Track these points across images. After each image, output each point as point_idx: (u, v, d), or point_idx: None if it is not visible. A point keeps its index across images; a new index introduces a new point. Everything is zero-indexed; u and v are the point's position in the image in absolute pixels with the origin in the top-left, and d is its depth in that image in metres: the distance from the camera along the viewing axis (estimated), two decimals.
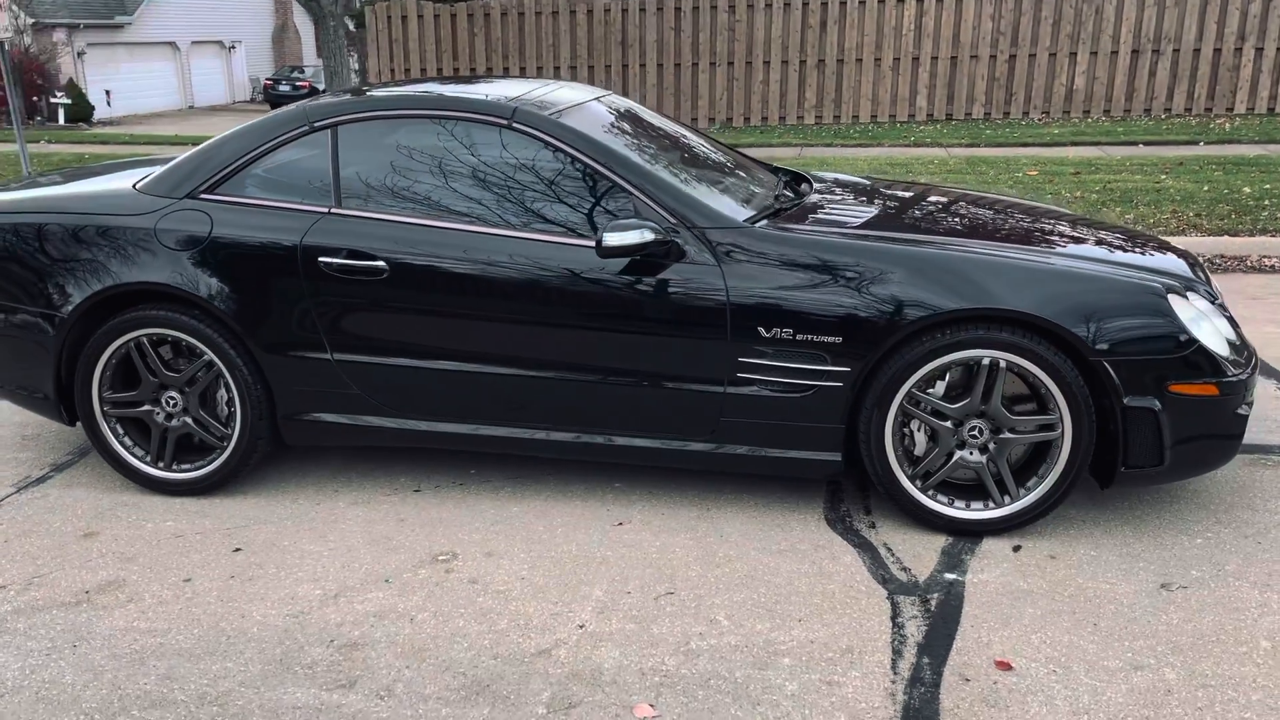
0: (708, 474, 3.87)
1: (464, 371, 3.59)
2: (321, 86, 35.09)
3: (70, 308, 3.71)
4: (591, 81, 16.01)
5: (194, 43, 36.17)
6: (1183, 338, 3.24)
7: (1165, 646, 2.83)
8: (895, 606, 3.07)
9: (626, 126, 4.06)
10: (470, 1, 16.23)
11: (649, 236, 3.32)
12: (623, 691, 2.71)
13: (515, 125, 3.61)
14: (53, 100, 28.78)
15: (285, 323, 3.63)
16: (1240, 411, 3.34)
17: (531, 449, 3.67)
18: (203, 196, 3.73)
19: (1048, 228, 3.93)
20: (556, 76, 16.05)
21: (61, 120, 28.00)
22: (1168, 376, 3.24)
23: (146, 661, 2.87)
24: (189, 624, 3.05)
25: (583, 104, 4.02)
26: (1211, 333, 3.35)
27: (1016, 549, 3.37)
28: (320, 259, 3.56)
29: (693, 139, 4.42)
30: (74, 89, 29.69)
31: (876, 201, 4.07)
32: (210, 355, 3.68)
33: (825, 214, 3.76)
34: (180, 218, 3.68)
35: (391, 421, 3.70)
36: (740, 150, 4.76)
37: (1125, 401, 3.25)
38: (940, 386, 3.39)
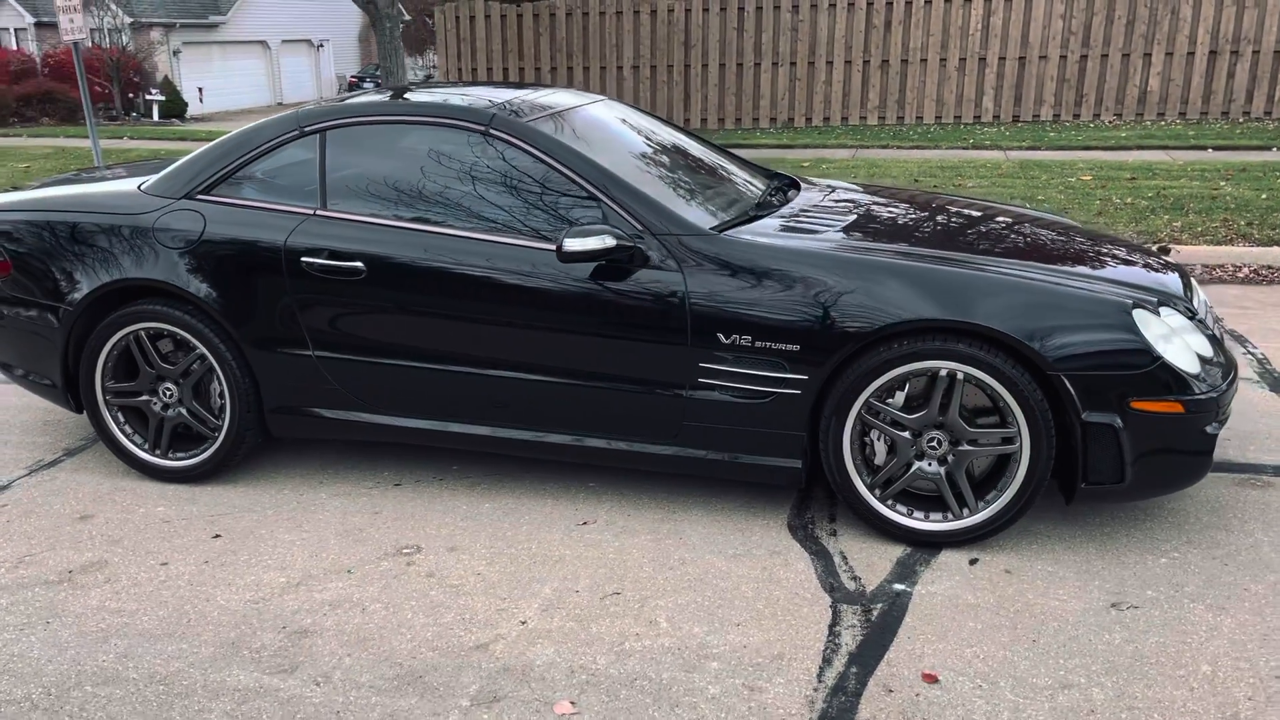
0: (679, 477, 3.92)
1: (436, 370, 3.69)
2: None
3: (75, 301, 3.91)
4: (654, 81, 16.10)
5: (284, 41, 37.20)
6: (1146, 354, 3.19)
7: (1100, 666, 2.80)
8: (836, 615, 3.08)
9: (611, 133, 4.13)
10: (536, 2, 16.43)
11: (609, 242, 3.37)
12: (548, 688, 2.77)
13: (492, 131, 3.70)
14: (148, 97, 29.88)
15: (270, 319, 3.77)
16: (1209, 430, 3.27)
17: (501, 447, 3.75)
18: (199, 197, 3.89)
19: (1029, 239, 3.88)
20: (618, 75, 16.19)
21: (155, 116, 29.07)
22: (1129, 393, 3.19)
23: (109, 640, 3.03)
24: (156, 605, 3.20)
25: (570, 110, 4.10)
26: (1181, 350, 3.28)
27: (973, 562, 3.35)
28: (303, 259, 3.70)
29: (685, 144, 4.46)
30: (168, 86, 30.79)
31: (859, 209, 4.05)
32: (202, 349, 3.85)
33: (798, 221, 3.77)
34: (177, 217, 3.85)
35: (368, 417, 3.83)
36: (737, 155, 4.79)
37: (1084, 417, 3.21)
38: (900, 397, 3.38)
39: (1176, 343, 3.30)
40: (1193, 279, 4.01)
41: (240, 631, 3.06)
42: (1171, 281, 3.69)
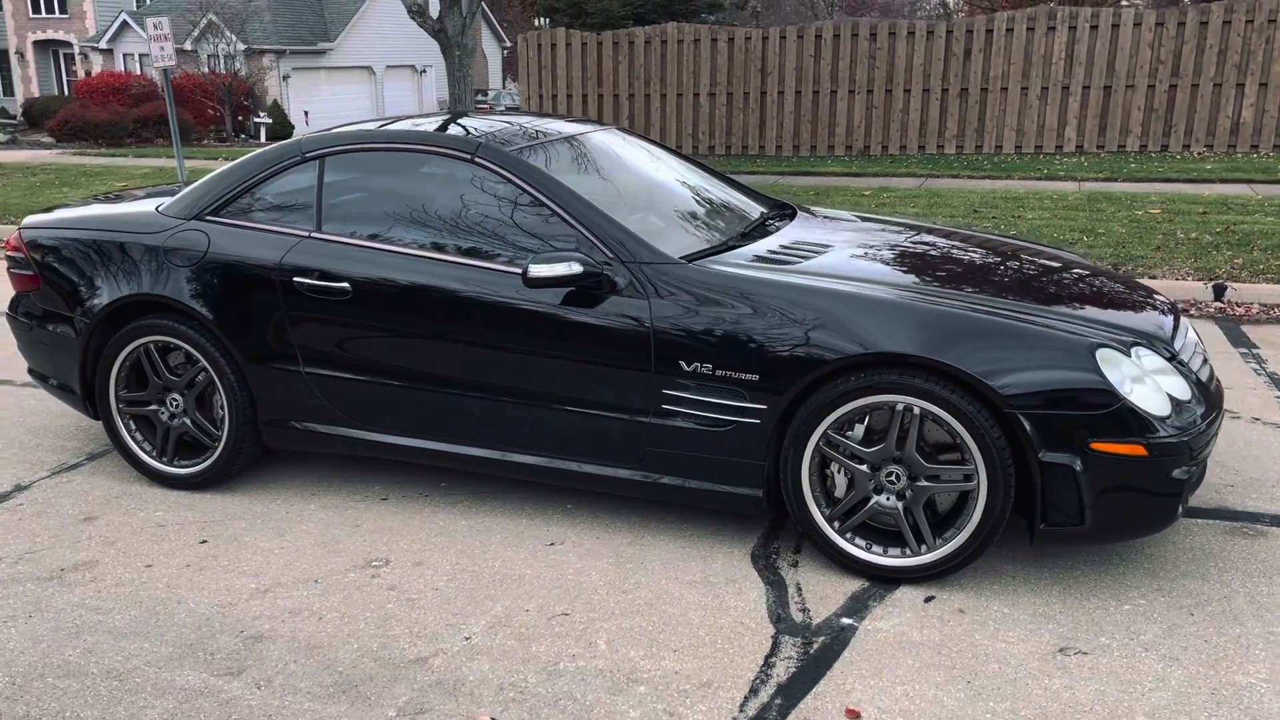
0: (654, 502, 3.95)
1: (414, 389, 3.81)
2: (501, 107, 36.67)
3: (92, 314, 4.14)
4: (730, 108, 16.17)
5: (389, 67, 38.39)
6: (1108, 394, 3.12)
7: (1031, 712, 2.74)
8: (775, 645, 3.08)
9: (606, 162, 4.21)
10: (615, 30, 16.67)
11: (576, 269, 3.45)
12: (475, 703, 2.84)
13: (478, 160, 3.81)
14: (256, 119, 31.17)
15: (265, 336, 3.94)
16: (1176, 475, 3.18)
17: (476, 466, 3.85)
18: (207, 218, 4.10)
19: (1010, 274, 3.83)
20: (695, 102, 16.30)
21: (263, 138, 30.27)
22: (1090, 434, 3.13)
23: (81, 635, 3.20)
24: (131, 605, 3.37)
25: (566, 139, 4.21)
26: (1152, 392, 3.21)
27: (928, 599, 3.31)
28: (295, 278, 3.86)
29: (683, 173, 4.53)
30: (276, 109, 32.07)
31: (842, 240, 4.05)
32: (204, 363, 4.04)
33: (773, 252, 3.79)
34: (185, 237, 4.06)
35: (353, 432, 3.96)
36: (741, 184, 4.82)
37: (1042, 457, 3.15)
38: (859, 430, 3.37)
39: (1148, 384, 3.23)
40: (1185, 319, 3.90)
41: (201, 634, 3.20)
42: (1155, 322, 3.61)
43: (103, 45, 35.76)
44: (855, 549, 3.41)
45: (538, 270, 3.43)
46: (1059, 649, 3.02)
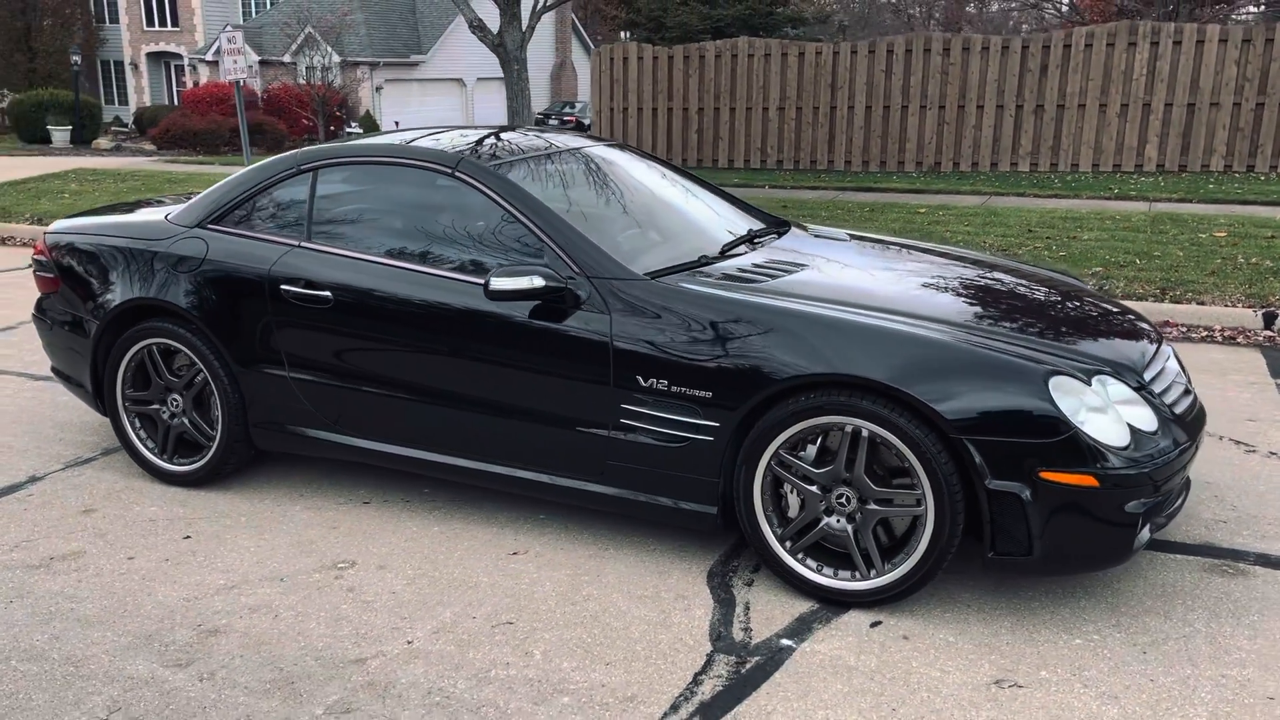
0: (622, 515, 3.97)
1: (389, 396, 3.90)
2: (588, 120, 37.00)
3: (101, 316, 4.35)
4: (799, 123, 16.09)
5: (479, 79, 39.09)
6: (1058, 423, 3.05)
7: None
8: (708, 663, 3.08)
9: (593, 178, 4.27)
10: (687, 44, 16.73)
11: (537, 282, 3.50)
12: (400, 706, 2.90)
13: (458, 174, 3.90)
14: (348, 130, 32.07)
15: (253, 340, 4.09)
16: (1130, 508, 3.09)
17: (447, 474, 3.92)
18: (209, 226, 4.27)
19: (979, 297, 3.77)
20: (764, 117, 16.26)
21: None
22: (1039, 462, 3.06)
23: (51, 622, 3.36)
24: (105, 595, 3.52)
25: (558, 153, 4.28)
26: (1110, 422, 3.13)
27: (875, 624, 3.27)
28: (282, 286, 3.99)
29: (677, 189, 4.55)
30: (368, 120, 32.96)
31: (820, 259, 4.03)
32: (200, 365, 4.20)
33: (744, 269, 3.79)
34: (185, 245, 4.24)
35: (333, 436, 4.08)
36: (741, 201, 4.82)
37: (989, 484, 3.10)
38: (811, 450, 3.35)
39: (1109, 414, 3.15)
40: (1168, 347, 3.78)
41: (161, 625, 3.33)
42: (1129, 349, 3.52)
43: (209, 57, 37.18)
44: (806, 570, 3.39)
45: (499, 283, 3.49)
46: (995, 680, 2.96)
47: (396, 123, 35.02)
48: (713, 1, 23.06)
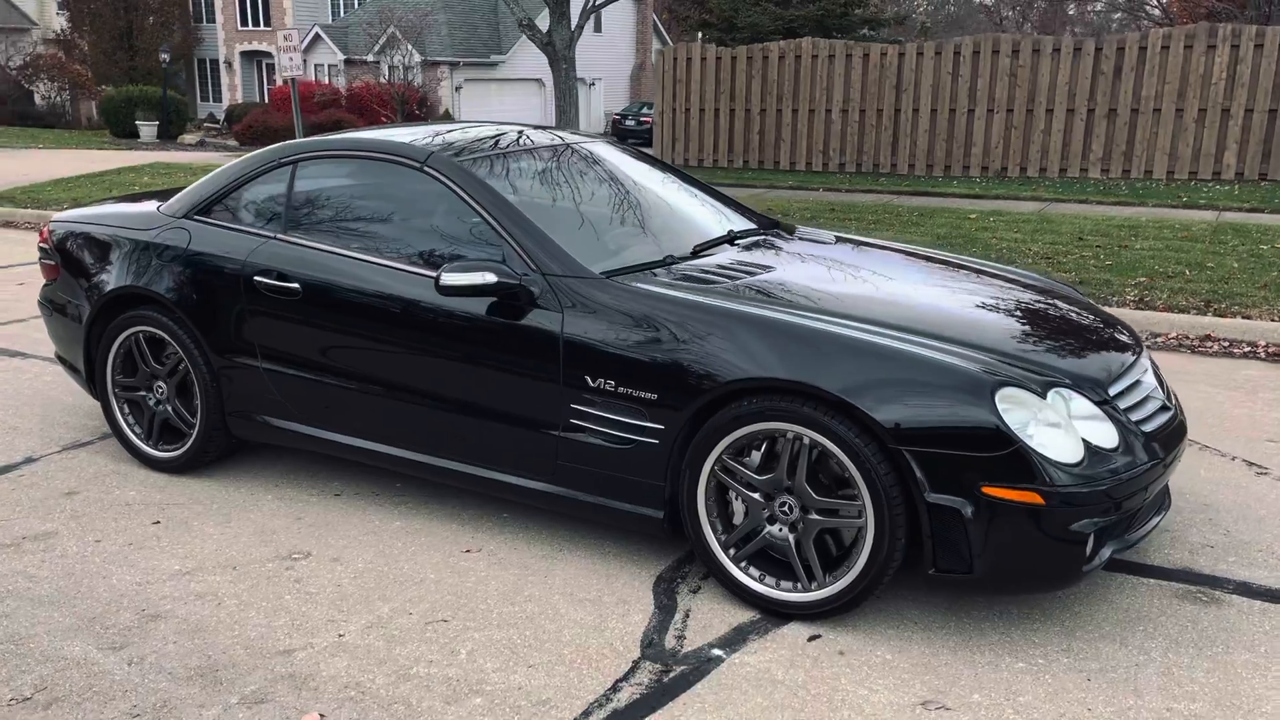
0: (580, 518, 3.92)
1: (354, 390, 3.91)
2: None
3: (92, 303, 4.45)
4: (862, 125, 15.83)
5: None
6: (1002, 436, 2.92)
7: None
8: (632, 670, 3.01)
9: (573, 175, 4.23)
10: (751, 45, 16.60)
11: (490, 279, 3.47)
12: (314, 699, 2.89)
13: (426, 169, 3.89)
14: None
15: (229, 330, 4.13)
16: (1077, 528, 2.94)
17: (406, 468, 3.92)
18: (195, 217, 4.33)
19: (945, 304, 3.63)
20: (827, 119, 16.04)
21: None
22: (981, 477, 2.93)
23: (5, 600, 3.43)
24: (63, 576, 3.59)
25: (539, 149, 4.26)
26: (1062, 437, 2.98)
27: (813, 638, 3.16)
28: (256, 277, 4.04)
29: (667, 190, 4.49)
30: (446, 119, 33.48)
31: (792, 261, 3.93)
32: (181, 353, 4.27)
33: (705, 271, 3.70)
34: (170, 235, 4.31)
35: (302, 427, 4.10)
36: (734, 201, 4.74)
37: (929, 498, 2.98)
38: (756, 457, 3.26)
39: (1064, 429, 3.00)
40: (1147, 361, 3.59)
41: (107, 609, 3.38)
42: (1099, 363, 3.36)
43: None
44: (749, 579, 3.30)
45: (450, 278, 3.47)
46: (923, 702, 2.84)
47: None
48: (785, 2, 22.83)
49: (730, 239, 4.19)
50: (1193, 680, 2.92)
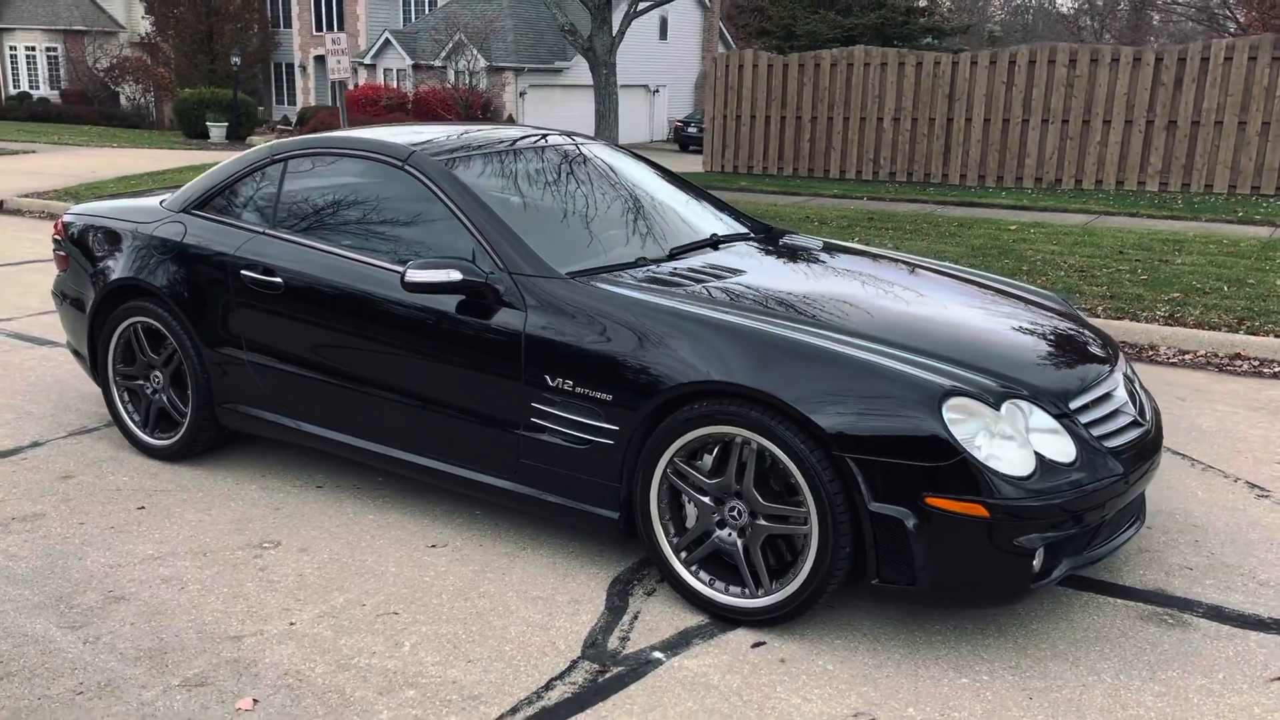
0: (546, 517, 3.92)
1: (329, 383, 3.97)
2: None
3: (95, 294, 4.58)
4: (913, 134, 15.63)
5: (622, 86, 39.23)
6: (947, 446, 2.86)
7: None
8: (569, 670, 3.01)
9: (557, 176, 4.24)
10: (803, 53, 16.49)
11: (455, 277, 3.50)
12: (253, 684, 2.94)
13: (407, 167, 3.94)
14: None
15: (218, 322, 4.22)
16: (1022, 542, 2.87)
17: (377, 462, 3.96)
18: (192, 211, 4.44)
19: (910, 311, 3.57)
20: (878, 127, 15.87)
21: None
22: (924, 487, 2.88)
23: None
24: (41, 556, 3.70)
25: (525, 149, 4.29)
26: (1013, 450, 2.92)
27: (757, 645, 3.13)
28: (242, 271, 4.12)
29: (655, 191, 4.48)
30: (510, 123, 33.80)
31: (765, 266, 3.90)
32: (174, 344, 4.38)
33: (673, 273, 3.69)
34: (168, 228, 4.42)
35: (283, 419, 4.17)
36: (725, 204, 4.71)
37: (871, 507, 2.93)
38: (708, 460, 3.24)
39: (1017, 440, 2.94)
40: (1121, 375, 3.49)
41: (75, 589, 3.47)
42: (1066, 375, 3.30)
43: (367, 60, 38.80)
44: (698, 583, 3.28)
45: (415, 275, 3.51)
46: (855, 714, 2.79)
47: None
48: (846, 10, 22.63)
49: (713, 243, 4.17)
50: (1139, 704, 2.83)
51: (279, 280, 4.02)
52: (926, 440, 2.88)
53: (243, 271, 4.12)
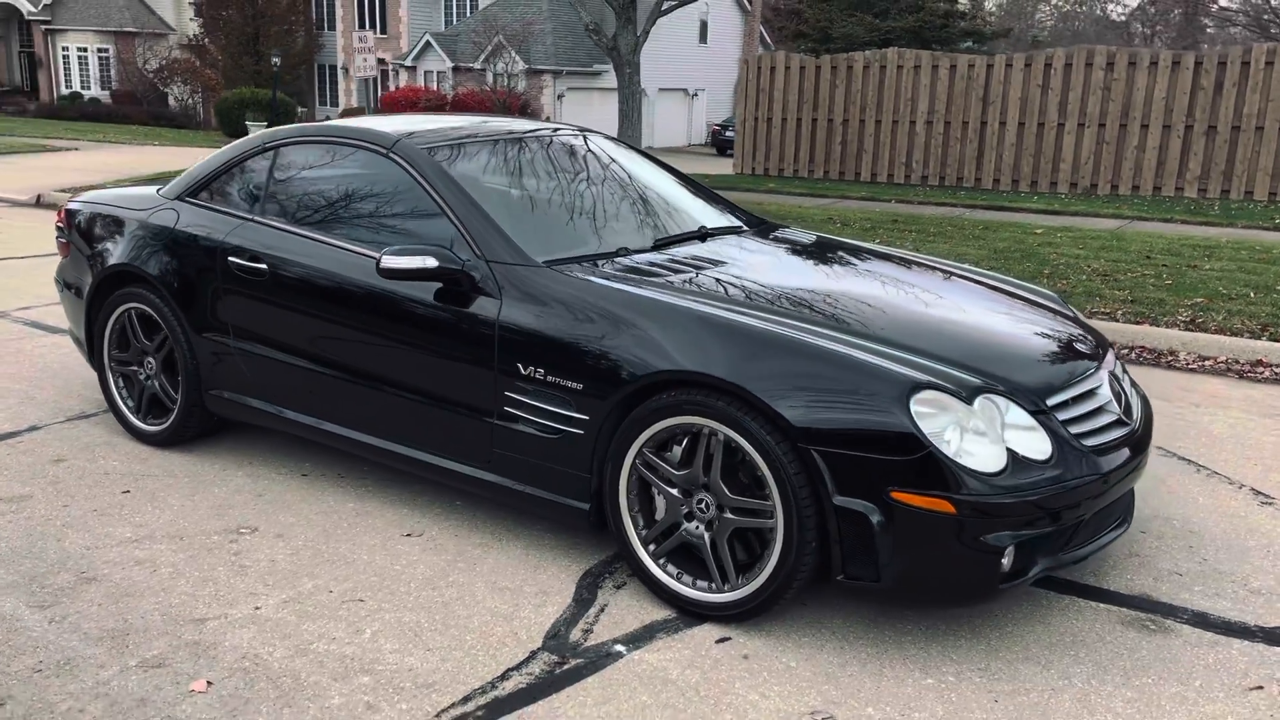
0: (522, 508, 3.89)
1: (311, 370, 3.96)
2: None
3: (91, 281, 4.62)
4: (946, 138, 15.44)
5: (660, 89, 39.50)
6: (913, 440, 2.79)
7: None
8: (527, 660, 2.97)
9: (538, 166, 4.21)
10: (835, 55, 16.36)
11: (430, 263, 3.47)
12: (210, 667, 2.93)
13: (392, 154, 3.93)
14: None
15: (206, 308, 4.24)
16: (992, 540, 2.78)
17: (357, 449, 3.94)
18: (186, 199, 4.46)
19: (894, 305, 3.49)
20: (910, 130, 15.70)
21: None
22: (890, 481, 2.80)
23: None
24: (23, 536, 3.72)
25: (513, 139, 4.26)
26: (984, 445, 2.85)
27: (722, 640, 3.07)
28: (230, 258, 4.13)
29: (647, 182, 4.44)
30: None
31: (746, 257, 3.84)
32: (165, 330, 4.40)
33: (652, 263, 3.64)
34: (162, 215, 4.44)
35: (267, 406, 4.17)
36: (721, 198, 4.66)
37: (835, 500, 2.86)
38: (677, 451, 3.18)
39: (989, 437, 2.86)
40: (1106, 373, 3.38)
41: (50, 569, 3.48)
42: (1048, 371, 3.22)
43: (408, 63, 39.15)
44: (666, 576, 3.22)
45: (390, 261, 3.49)
46: (812, 711, 2.72)
47: None
48: (883, 13, 22.44)
49: (701, 235, 4.12)
50: (1109, 709, 2.74)
51: (264, 267, 4.02)
52: (893, 434, 2.80)
53: (230, 258, 4.12)
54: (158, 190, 4.69)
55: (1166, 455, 4.63)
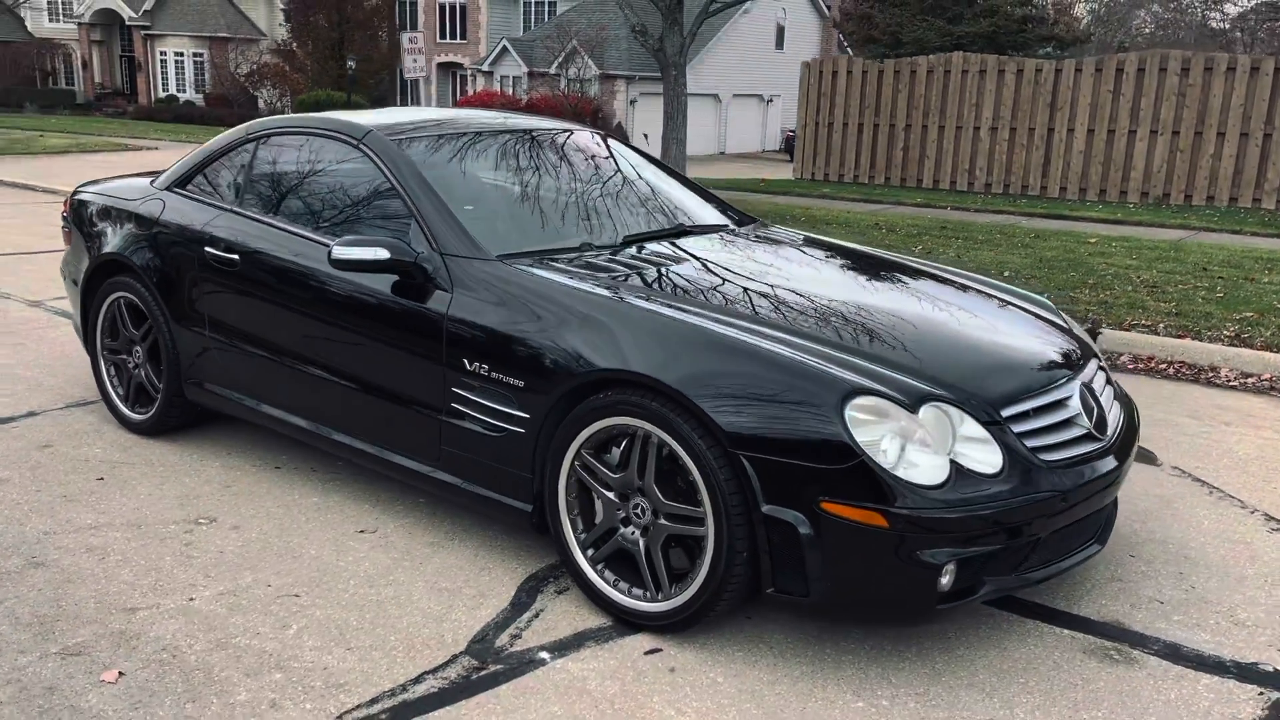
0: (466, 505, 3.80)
1: (275, 360, 3.93)
2: None
3: (84, 269, 4.66)
4: (1011, 144, 15.01)
5: (735, 95, 39.29)
6: (844, 448, 2.63)
7: None
8: (445, 665, 2.88)
9: (508, 160, 4.12)
10: (899, 59, 16.04)
11: (382, 255, 3.40)
12: (127, 656, 2.89)
13: (362, 145, 3.88)
14: None
15: (184, 298, 4.24)
16: (927, 557, 2.61)
17: (319, 443, 3.90)
18: (174, 189, 4.48)
19: (859, 307, 3.32)
20: (974, 136, 15.32)
21: None
22: (820, 491, 2.65)
23: None
24: None
25: (495, 133, 4.19)
26: (922, 456, 2.68)
27: (651, 652, 2.94)
28: (206, 248, 4.12)
29: (624, 178, 4.33)
30: (619, 131, 33.93)
31: (715, 255, 3.70)
32: (149, 319, 4.42)
33: (611, 259, 3.53)
34: (149, 206, 4.46)
35: (240, 397, 4.15)
36: (717, 199, 4.52)
37: (764, 509, 2.71)
38: (616, 453, 3.06)
39: (931, 447, 2.69)
40: (1078, 385, 3.15)
41: (2, 553, 3.50)
42: (1006, 379, 2.99)
43: (485, 68, 39.54)
44: (603, 582, 3.10)
45: (341, 252, 3.42)
46: None
47: (645, 135, 35.77)
48: (956, 18, 21.93)
49: (675, 233, 3.99)
50: None
51: (235, 257, 4.00)
52: (825, 441, 2.65)
53: (205, 248, 4.12)
54: (151, 181, 4.72)
55: (1180, 475, 4.36)
